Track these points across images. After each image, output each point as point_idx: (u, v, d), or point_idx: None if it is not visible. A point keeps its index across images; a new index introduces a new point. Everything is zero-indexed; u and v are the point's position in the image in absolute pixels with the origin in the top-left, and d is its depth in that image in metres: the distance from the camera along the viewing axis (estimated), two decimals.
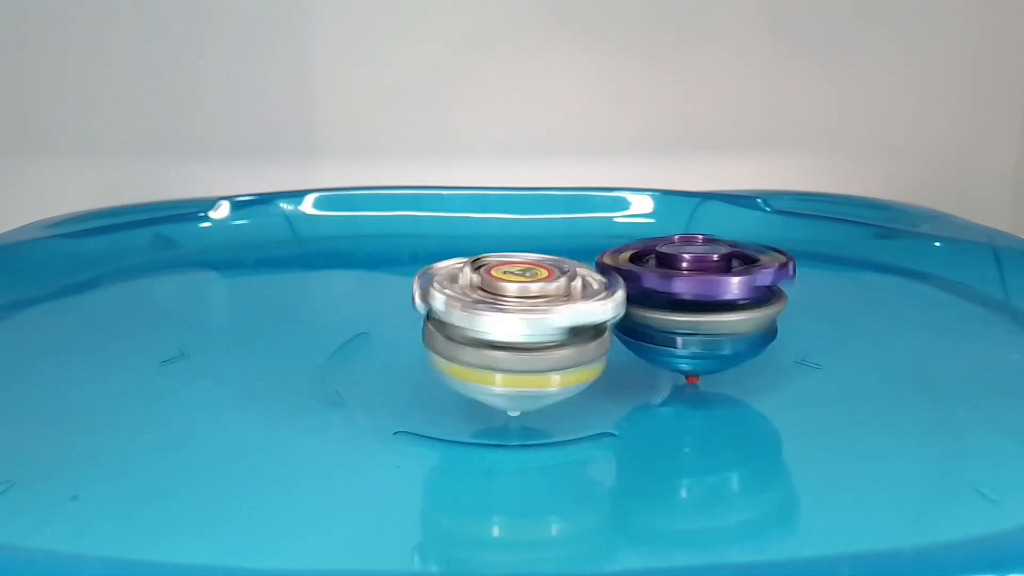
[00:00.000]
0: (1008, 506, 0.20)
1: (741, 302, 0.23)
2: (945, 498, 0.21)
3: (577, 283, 0.22)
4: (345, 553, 0.18)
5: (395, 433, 0.23)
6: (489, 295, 0.22)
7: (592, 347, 0.21)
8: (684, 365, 0.24)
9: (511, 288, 0.21)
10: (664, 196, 0.43)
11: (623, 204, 0.43)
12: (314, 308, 0.36)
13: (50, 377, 0.26)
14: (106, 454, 0.22)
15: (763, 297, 0.24)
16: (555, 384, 0.21)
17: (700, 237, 0.26)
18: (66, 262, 0.36)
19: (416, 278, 0.22)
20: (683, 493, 0.22)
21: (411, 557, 0.19)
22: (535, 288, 0.21)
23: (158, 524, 0.19)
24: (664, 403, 0.25)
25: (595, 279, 0.23)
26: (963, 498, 0.20)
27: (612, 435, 0.23)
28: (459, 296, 0.21)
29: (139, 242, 0.39)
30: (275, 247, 0.41)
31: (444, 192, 0.43)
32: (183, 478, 0.21)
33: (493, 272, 0.22)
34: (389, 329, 0.31)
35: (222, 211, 0.41)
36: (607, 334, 0.22)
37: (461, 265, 0.23)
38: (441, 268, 0.23)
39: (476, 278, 0.22)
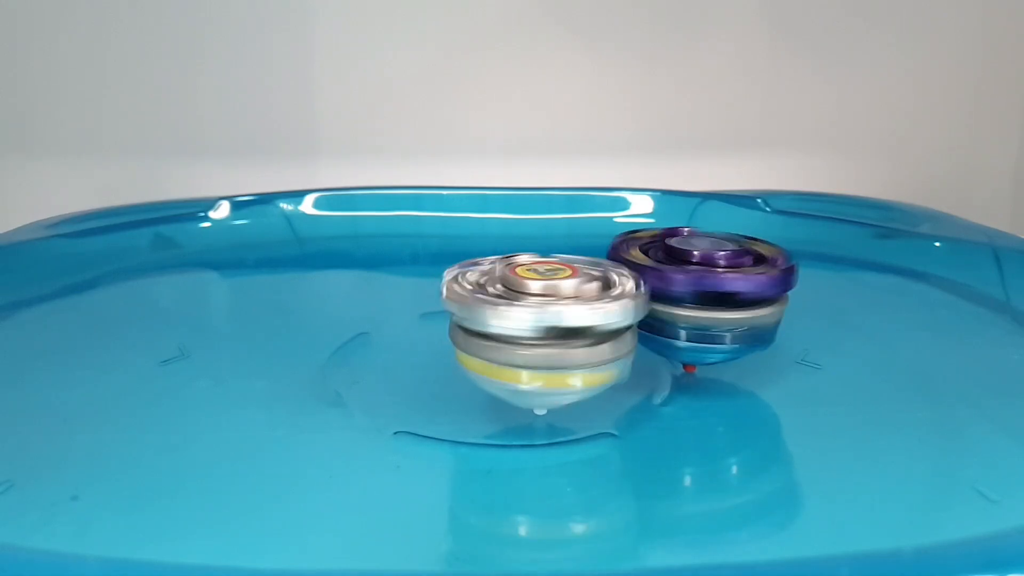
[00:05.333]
0: (1008, 506, 0.20)
1: (741, 299, 0.24)
2: (945, 498, 0.21)
3: (599, 284, 0.22)
4: (345, 553, 0.18)
5: (395, 433, 0.23)
6: (511, 292, 0.22)
7: (616, 347, 0.21)
8: (682, 355, 0.25)
9: (534, 286, 0.22)
10: (664, 196, 0.43)
11: (623, 204, 0.43)
12: (314, 308, 0.36)
13: (50, 377, 0.26)
14: (106, 454, 0.22)
15: (764, 297, 0.24)
16: (578, 384, 0.21)
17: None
18: (66, 262, 0.36)
19: (445, 274, 0.23)
20: (683, 494, 0.22)
21: (410, 557, 0.19)
22: (561, 286, 0.22)
23: (158, 524, 0.19)
24: (664, 403, 0.25)
25: (620, 278, 0.23)
26: (963, 498, 0.20)
27: (612, 435, 0.23)
28: (480, 292, 0.21)
29: (139, 242, 0.39)
30: (275, 247, 0.41)
31: (444, 192, 0.43)
32: (183, 478, 0.21)
33: (518, 270, 0.22)
34: (389, 329, 0.31)
35: (222, 211, 0.41)
36: (629, 335, 0.22)
37: (492, 263, 0.23)
38: (471, 265, 0.23)
39: (501, 275, 0.22)
